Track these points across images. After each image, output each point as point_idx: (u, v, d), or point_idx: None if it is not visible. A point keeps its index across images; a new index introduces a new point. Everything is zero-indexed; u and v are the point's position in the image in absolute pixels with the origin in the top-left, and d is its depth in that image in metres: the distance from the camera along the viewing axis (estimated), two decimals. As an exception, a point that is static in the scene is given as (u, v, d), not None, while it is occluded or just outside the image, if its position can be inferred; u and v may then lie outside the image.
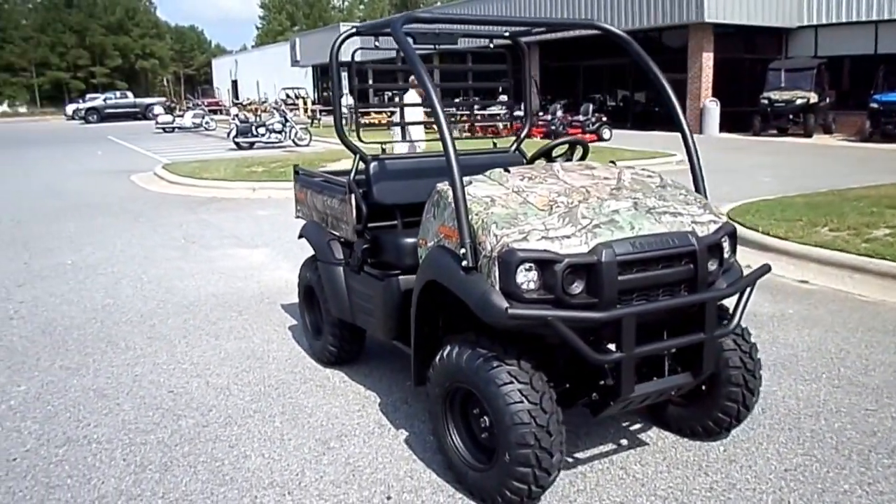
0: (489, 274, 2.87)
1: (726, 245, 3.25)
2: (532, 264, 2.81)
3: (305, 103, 36.08)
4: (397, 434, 3.74)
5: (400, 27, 3.33)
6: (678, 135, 3.73)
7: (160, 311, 5.90)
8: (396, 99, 12.22)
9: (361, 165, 4.24)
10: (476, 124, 18.01)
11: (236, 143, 20.49)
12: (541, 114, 22.61)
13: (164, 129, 30.45)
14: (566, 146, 4.06)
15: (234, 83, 59.57)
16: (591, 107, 22.23)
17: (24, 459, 3.58)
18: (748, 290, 3.25)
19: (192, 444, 3.69)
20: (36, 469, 3.49)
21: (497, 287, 2.84)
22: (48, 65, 72.98)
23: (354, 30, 4.03)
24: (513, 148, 4.71)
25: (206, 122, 30.89)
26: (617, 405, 3.06)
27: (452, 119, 15.66)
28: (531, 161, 4.06)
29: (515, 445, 2.84)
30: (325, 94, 43.31)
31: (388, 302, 3.82)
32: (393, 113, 15.95)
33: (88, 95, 51.92)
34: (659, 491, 3.16)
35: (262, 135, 20.53)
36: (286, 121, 20.87)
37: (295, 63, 42.09)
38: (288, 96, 38.33)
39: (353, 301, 4.19)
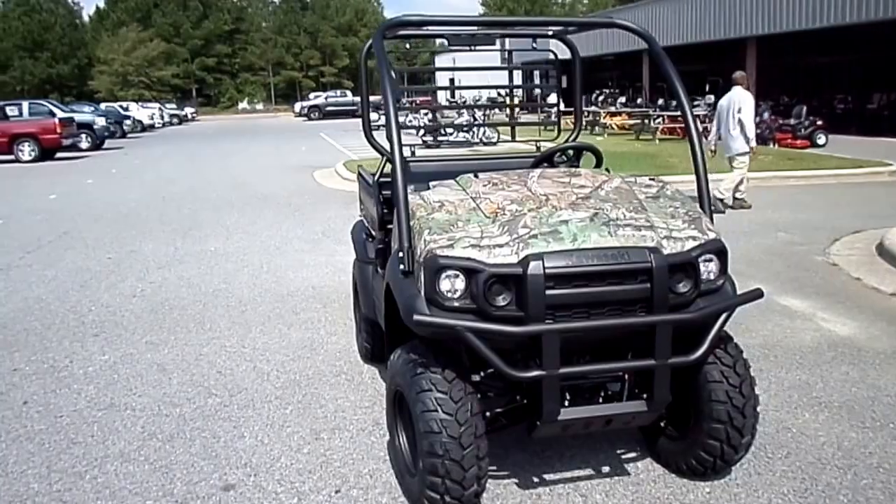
0: (418, 279, 2.84)
1: (710, 265, 2.94)
2: (458, 272, 2.74)
3: (513, 101, 36.55)
4: (385, 434, 3.78)
5: (380, 37, 3.35)
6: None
7: (258, 298, 6.37)
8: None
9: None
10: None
11: (423, 142, 21.28)
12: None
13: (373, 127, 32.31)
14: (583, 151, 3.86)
15: (452, 81, 61.55)
16: (804, 109, 20.38)
17: (66, 417, 4.09)
18: (723, 317, 2.90)
19: (205, 421, 4.00)
20: (70, 427, 3.97)
21: (422, 293, 2.80)
22: (283, 64, 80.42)
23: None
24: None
25: (409, 120, 32.34)
26: (548, 427, 2.88)
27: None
28: (535, 165, 3.92)
29: (426, 454, 2.78)
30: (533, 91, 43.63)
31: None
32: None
33: (312, 94, 56.56)
34: None
35: (451, 134, 21.14)
36: (475, 119, 21.33)
37: (504, 61, 42.92)
38: (499, 94, 39.07)
39: (375, 299, 4.29)
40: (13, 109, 25.69)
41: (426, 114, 22.23)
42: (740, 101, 9.70)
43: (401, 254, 2.92)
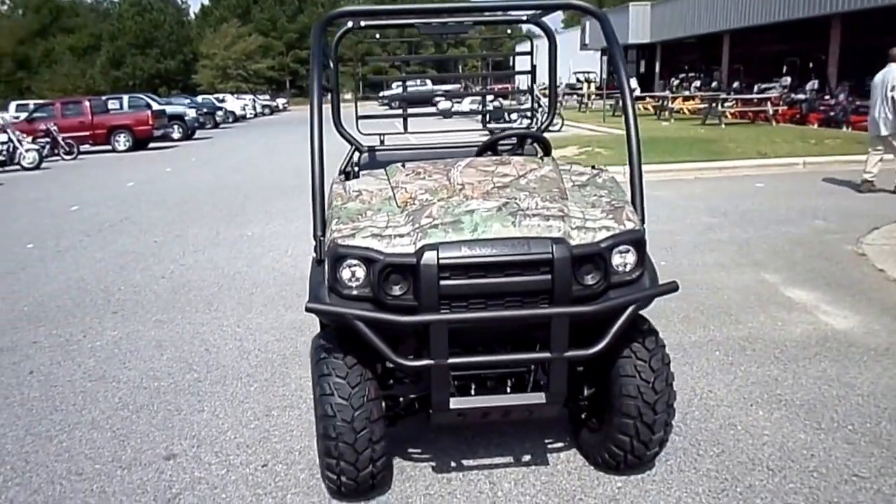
0: (325, 268, 2.93)
1: (626, 256, 2.87)
2: (358, 261, 2.80)
3: (589, 86, 36.05)
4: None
5: (320, 31, 3.42)
6: None
7: (271, 281, 6.62)
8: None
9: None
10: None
11: (488, 129, 21.31)
12: (827, 97, 20.07)
13: (443, 115, 32.54)
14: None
15: (533, 67, 61.31)
16: (885, 91, 19.15)
17: (60, 387, 4.42)
18: (629, 310, 2.83)
19: (175, 394, 4.24)
20: (59, 396, 4.29)
21: (327, 281, 2.89)
22: (371, 54, 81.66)
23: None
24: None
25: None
26: (442, 415, 2.91)
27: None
28: (479, 153, 3.92)
29: (322, 436, 2.88)
30: (611, 76, 42.81)
31: None
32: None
33: (395, 83, 57.28)
34: None
35: (514, 120, 21.07)
36: (539, 105, 21.21)
37: (584, 47, 42.13)
38: (578, 80, 38.62)
39: None
40: (114, 103, 27.45)
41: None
42: (894, 79, 9.25)
43: (314, 242, 3.02)
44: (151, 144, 24.82)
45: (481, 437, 3.55)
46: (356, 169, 4.35)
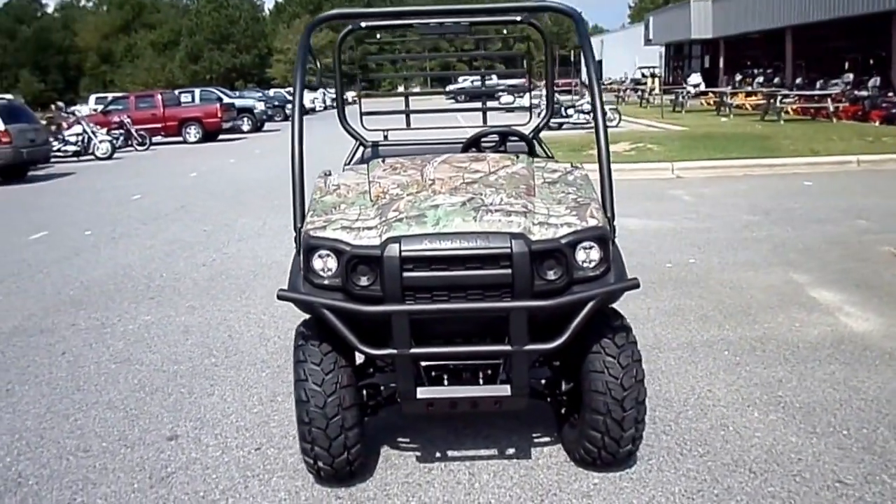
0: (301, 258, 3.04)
1: (590, 253, 2.89)
2: (330, 252, 2.91)
3: (653, 81, 35.42)
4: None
5: (307, 34, 3.52)
6: None
7: (304, 271, 6.80)
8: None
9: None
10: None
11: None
12: (890, 94, 19.22)
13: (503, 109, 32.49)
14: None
15: (599, 63, 60.96)
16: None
17: (86, 367, 4.69)
18: (589, 305, 2.83)
19: (191, 378, 4.44)
20: (84, 376, 4.54)
21: (302, 271, 3.00)
22: (438, 49, 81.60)
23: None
24: (531, 137, 4.53)
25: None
26: (410, 404, 2.98)
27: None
28: (464, 149, 3.97)
29: (298, 421, 3.00)
30: (675, 72, 41.93)
31: None
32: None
33: (461, 78, 57.27)
34: (444, 497, 3.05)
35: (571, 116, 20.90)
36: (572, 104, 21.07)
37: (648, 42, 41.46)
38: (643, 75, 38.01)
39: None
40: (187, 96, 28.44)
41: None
42: None
43: (294, 233, 3.13)
44: (221, 136, 25.62)
45: (471, 428, 3.60)
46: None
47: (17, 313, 5.86)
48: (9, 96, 49.73)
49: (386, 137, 4.58)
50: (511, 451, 3.41)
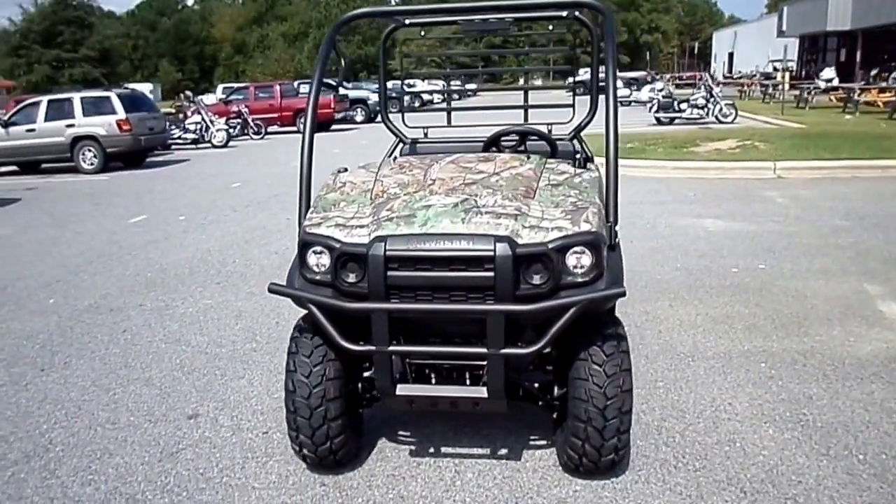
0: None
1: (581, 258, 2.82)
2: (323, 249, 2.99)
3: (784, 75, 33.53)
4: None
5: (334, 31, 3.61)
6: None
7: (365, 262, 6.96)
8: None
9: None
10: None
11: (656, 119, 20.57)
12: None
13: (620, 101, 31.67)
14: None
15: (731, 55, 58.57)
16: None
17: (139, 346, 5.01)
18: (570, 312, 2.76)
19: (228, 361, 4.66)
20: (134, 353, 4.87)
21: (298, 266, 3.10)
22: (563, 41, 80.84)
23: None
24: (570, 137, 4.44)
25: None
26: (391, 400, 3.02)
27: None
28: (484, 149, 3.92)
29: (286, 409, 3.11)
30: (808, 65, 39.48)
31: None
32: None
33: (581, 70, 56.38)
34: (423, 492, 3.06)
35: (683, 110, 20.15)
36: (711, 96, 20.13)
37: (781, 33, 39.24)
38: (775, 69, 36.18)
39: None
40: (305, 87, 29.48)
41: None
42: None
43: (298, 229, 3.24)
44: (334, 126, 26.42)
45: (472, 426, 3.61)
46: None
47: (96, 292, 6.33)
48: (149, 85, 53.12)
49: (426, 135, 4.62)
50: (503, 451, 3.39)
